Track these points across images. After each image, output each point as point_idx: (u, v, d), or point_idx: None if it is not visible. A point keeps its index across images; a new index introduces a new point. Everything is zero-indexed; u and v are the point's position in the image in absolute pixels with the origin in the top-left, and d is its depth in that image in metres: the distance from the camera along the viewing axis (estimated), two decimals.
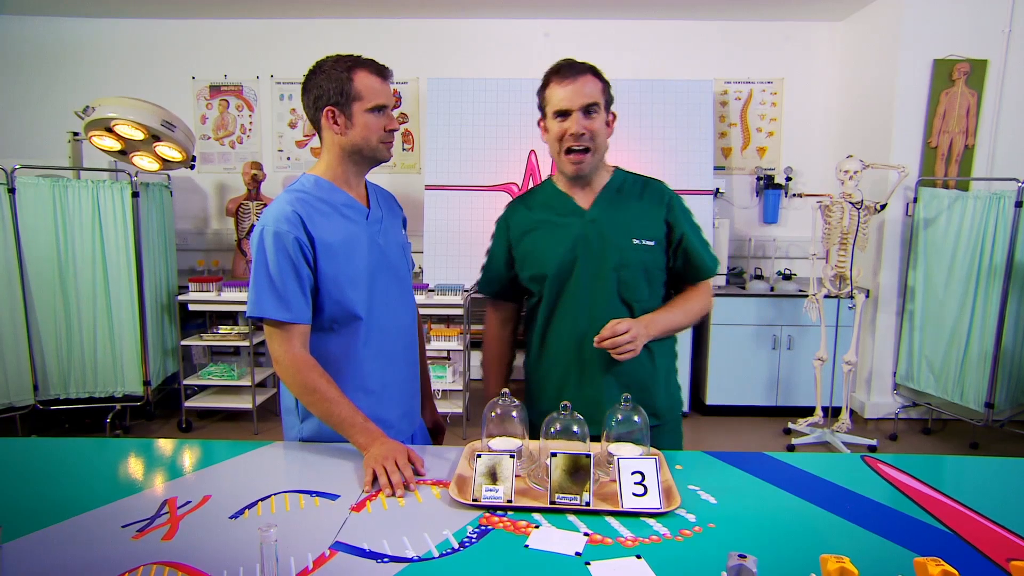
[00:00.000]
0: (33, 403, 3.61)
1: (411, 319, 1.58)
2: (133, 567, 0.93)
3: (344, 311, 1.40)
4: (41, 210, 3.49)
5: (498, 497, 1.14)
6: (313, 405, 1.35)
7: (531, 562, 0.97)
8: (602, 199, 1.54)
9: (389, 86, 1.41)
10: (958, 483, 1.28)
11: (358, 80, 1.36)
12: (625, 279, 1.50)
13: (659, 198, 1.55)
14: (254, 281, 1.34)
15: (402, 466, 1.23)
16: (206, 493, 1.19)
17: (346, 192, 1.44)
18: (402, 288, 1.53)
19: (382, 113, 1.39)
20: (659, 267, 1.54)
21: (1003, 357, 3.48)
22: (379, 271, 1.45)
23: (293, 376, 1.35)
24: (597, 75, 1.47)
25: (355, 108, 1.36)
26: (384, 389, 1.47)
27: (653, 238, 1.52)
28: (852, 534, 1.06)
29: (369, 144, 1.39)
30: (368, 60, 1.40)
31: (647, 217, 1.53)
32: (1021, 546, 1.02)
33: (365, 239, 1.43)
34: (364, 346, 1.43)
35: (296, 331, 1.35)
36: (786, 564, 0.95)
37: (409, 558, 0.97)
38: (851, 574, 0.76)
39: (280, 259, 1.32)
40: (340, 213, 1.41)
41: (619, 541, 1.03)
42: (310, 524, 1.08)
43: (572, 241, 1.51)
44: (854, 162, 3.46)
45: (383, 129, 1.40)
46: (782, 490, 1.22)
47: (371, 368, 1.45)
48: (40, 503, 1.14)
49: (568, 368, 1.54)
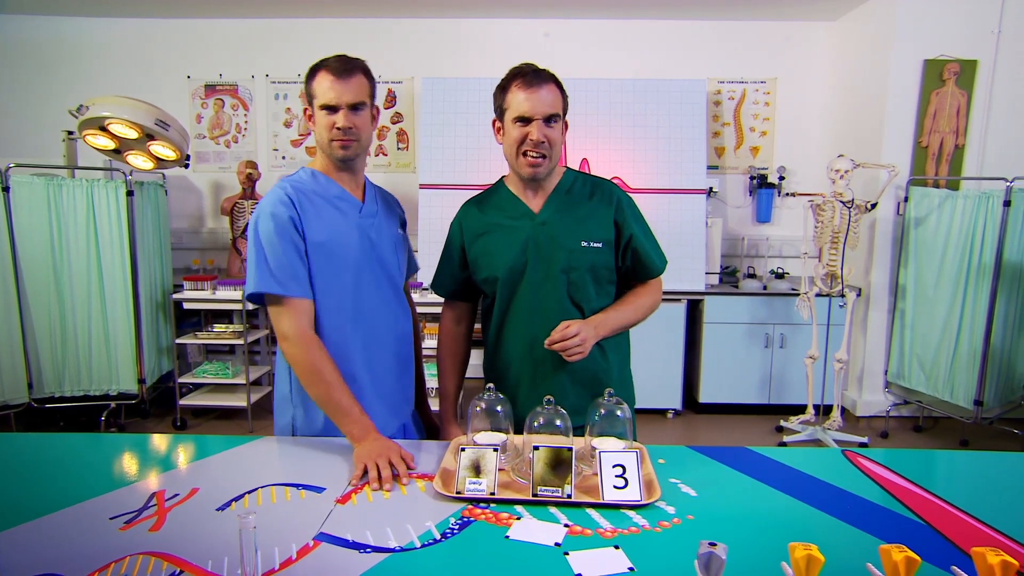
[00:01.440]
0: (28, 401, 3.62)
1: (401, 313, 1.59)
2: (119, 557, 0.95)
3: (329, 299, 1.43)
4: (35, 209, 3.50)
5: (481, 490, 1.16)
6: (313, 386, 1.37)
7: (511, 552, 0.99)
8: (552, 201, 1.55)
9: (349, 85, 1.40)
10: (935, 476, 1.30)
11: (316, 80, 1.41)
12: (574, 281, 1.52)
13: (608, 199, 1.56)
14: (253, 261, 1.38)
15: (395, 463, 1.26)
16: (194, 486, 1.21)
17: (339, 185, 1.49)
18: (392, 283, 1.55)
19: (333, 113, 1.41)
20: (608, 267, 1.55)
21: (992, 355, 3.50)
22: (367, 264, 1.48)
23: (300, 353, 1.36)
24: (558, 84, 1.48)
25: (314, 106, 1.43)
26: (369, 379, 1.49)
27: (601, 239, 1.53)
28: (825, 524, 1.08)
29: (322, 141, 1.45)
30: (333, 59, 1.42)
31: (596, 218, 1.54)
32: (989, 535, 1.04)
33: (356, 231, 1.47)
34: (350, 334, 1.46)
35: (302, 307, 1.39)
36: (760, 553, 0.98)
37: (391, 548, 0.99)
38: (817, 561, 0.78)
39: (278, 237, 1.37)
40: (332, 205, 1.46)
41: (598, 532, 1.05)
42: (296, 516, 1.10)
43: (522, 244, 1.53)
44: (845, 161, 3.49)
45: (331, 127, 1.41)
46: (762, 483, 1.25)
47: (357, 357, 1.47)
48: (30, 496, 1.16)
49: (522, 367, 1.55)
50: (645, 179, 4.17)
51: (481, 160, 4.22)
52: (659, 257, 1.61)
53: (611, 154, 4.19)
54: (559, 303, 1.52)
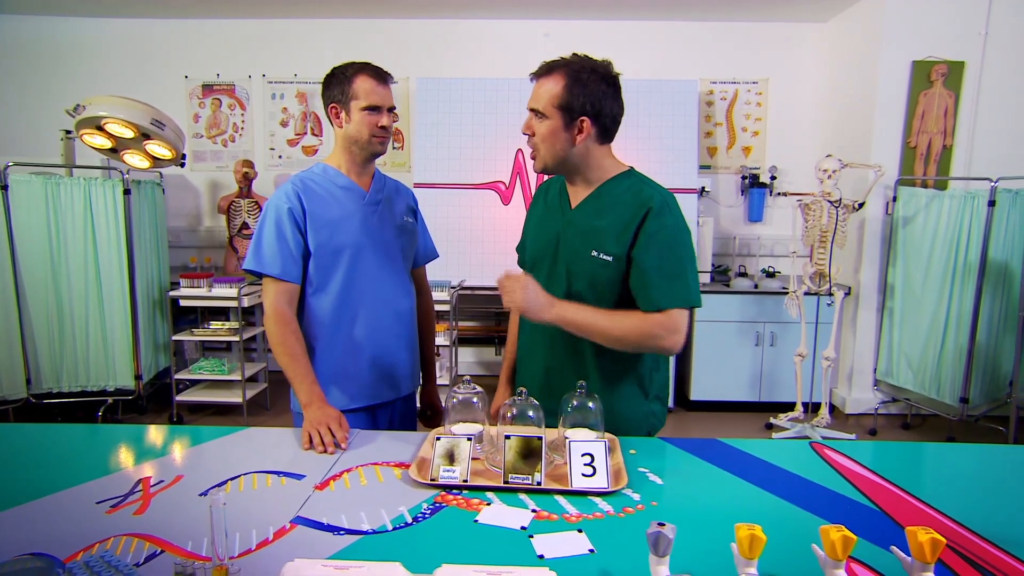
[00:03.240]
0: (26, 396, 3.67)
1: (402, 292, 1.73)
2: (103, 538, 1.00)
3: (329, 277, 1.62)
4: (34, 207, 3.56)
5: (454, 477, 1.21)
6: (278, 356, 1.57)
7: (479, 535, 1.04)
8: (589, 201, 1.50)
9: (388, 89, 1.62)
10: (895, 466, 1.34)
11: (357, 83, 1.58)
12: (574, 287, 1.49)
13: (639, 214, 1.42)
14: (252, 241, 1.61)
15: (334, 430, 1.41)
16: (179, 473, 1.25)
17: (348, 178, 1.67)
18: (392, 264, 1.71)
19: (376, 112, 1.59)
20: (611, 283, 1.45)
21: (977, 353, 3.55)
22: (368, 247, 1.65)
23: (272, 327, 1.57)
24: (562, 80, 1.38)
25: (352, 106, 1.59)
26: (367, 351, 1.67)
27: (613, 254, 1.43)
28: (780, 508, 1.13)
29: (362, 137, 1.61)
30: (371, 66, 1.61)
31: (616, 231, 1.44)
32: (935, 517, 1.09)
33: (358, 217, 1.65)
34: (348, 308, 1.64)
35: (282, 288, 1.59)
36: (712, 534, 1.02)
37: (363, 531, 1.04)
38: (759, 540, 0.82)
39: (273, 224, 1.58)
40: (338, 194, 1.66)
41: (564, 517, 1.09)
42: (275, 500, 1.14)
43: (547, 237, 1.55)
44: (832, 161, 3.53)
45: (375, 126, 1.60)
46: (727, 472, 1.29)
47: (355, 331, 1.65)
48: (21, 482, 1.21)
49: (533, 359, 1.60)
50: None
51: (475, 160, 4.27)
52: (661, 292, 1.40)
53: None
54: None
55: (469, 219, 4.28)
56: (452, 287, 3.98)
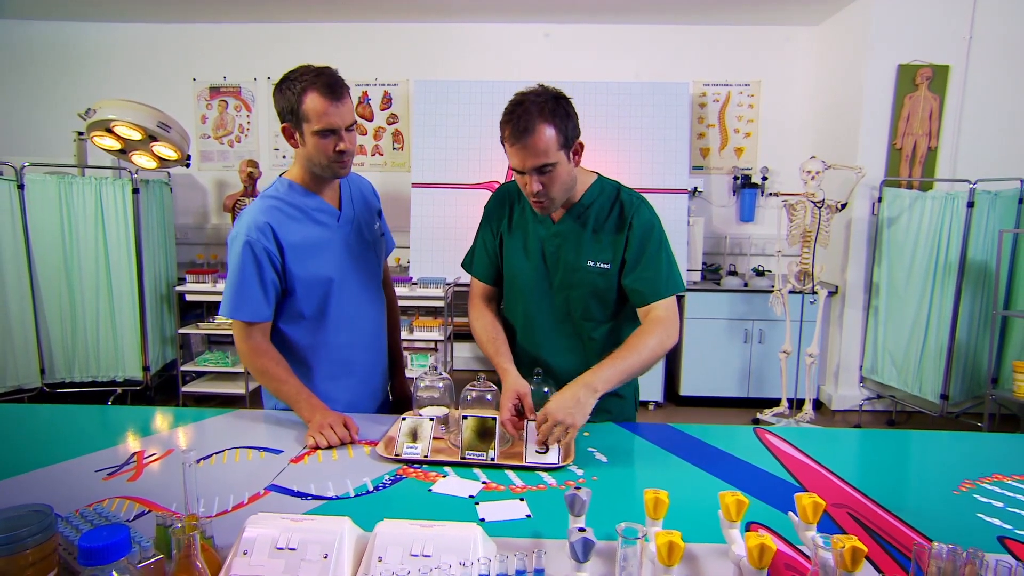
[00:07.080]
0: (40, 385, 3.85)
1: (378, 310, 1.73)
2: (100, 499, 1.13)
3: (311, 307, 1.55)
4: (48, 205, 3.73)
5: (416, 453, 1.33)
6: (266, 385, 1.55)
7: (431, 502, 1.16)
8: (571, 214, 1.54)
9: (344, 104, 1.41)
10: (823, 449, 1.45)
11: (307, 102, 1.38)
12: (573, 299, 1.55)
13: (624, 219, 1.50)
14: (226, 285, 1.50)
15: (339, 432, 1.42)
16: (170, 447, 1.39)
17: (318, 196, 1.54)
18: (374, 281, 1.69)
19: (331, 136, 1.42)
20: (612, 288, 1.54)
21: (957, 351, 3.63)
22: (348, 271, 1.58)
23: (250, 362, 1.53)
24: (549, 122, 1.36)
25: (304, 128, 1.42)
26: (351, 375, 1.65)
27: (608, 261, 1.50)
28: (701, 480, 1.25)
29: (319, 163, 1.47)
30: (323, 79, 1.39)
31: (607, 239, 1.51)
32: (846, 492, 1.20)
33: (337, 241, 1.56)
34: (332, 336, 1.59)
35: (256, 327, 1.51)
36: (639, 504, 1.14)
37: (328, 497, 1.17)
38: (662, 503, 0.94)
39: (246, 267, 1.46)
40: (311, 218, 1.53)
41: (510, 488, 1.22)
42: (253, 471, 1.28)
43: (534, 252, 1.57)
44: (816, 163, 3.62)
45: (331, 150, 1.43)
46: (669, 452, 1.41)
47: (337, 356, 1.61)
48: (32, 453, 1.35)
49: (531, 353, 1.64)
50: (629, 179, 4.25)
51: (471, 160, 4.39)
52: (659, 284, 1.48)
53: (596, 154, 4.33)
54: (554, 316, 1.59)
55: (466, 218, 4.40)
56: (447, 284, 4.11)
